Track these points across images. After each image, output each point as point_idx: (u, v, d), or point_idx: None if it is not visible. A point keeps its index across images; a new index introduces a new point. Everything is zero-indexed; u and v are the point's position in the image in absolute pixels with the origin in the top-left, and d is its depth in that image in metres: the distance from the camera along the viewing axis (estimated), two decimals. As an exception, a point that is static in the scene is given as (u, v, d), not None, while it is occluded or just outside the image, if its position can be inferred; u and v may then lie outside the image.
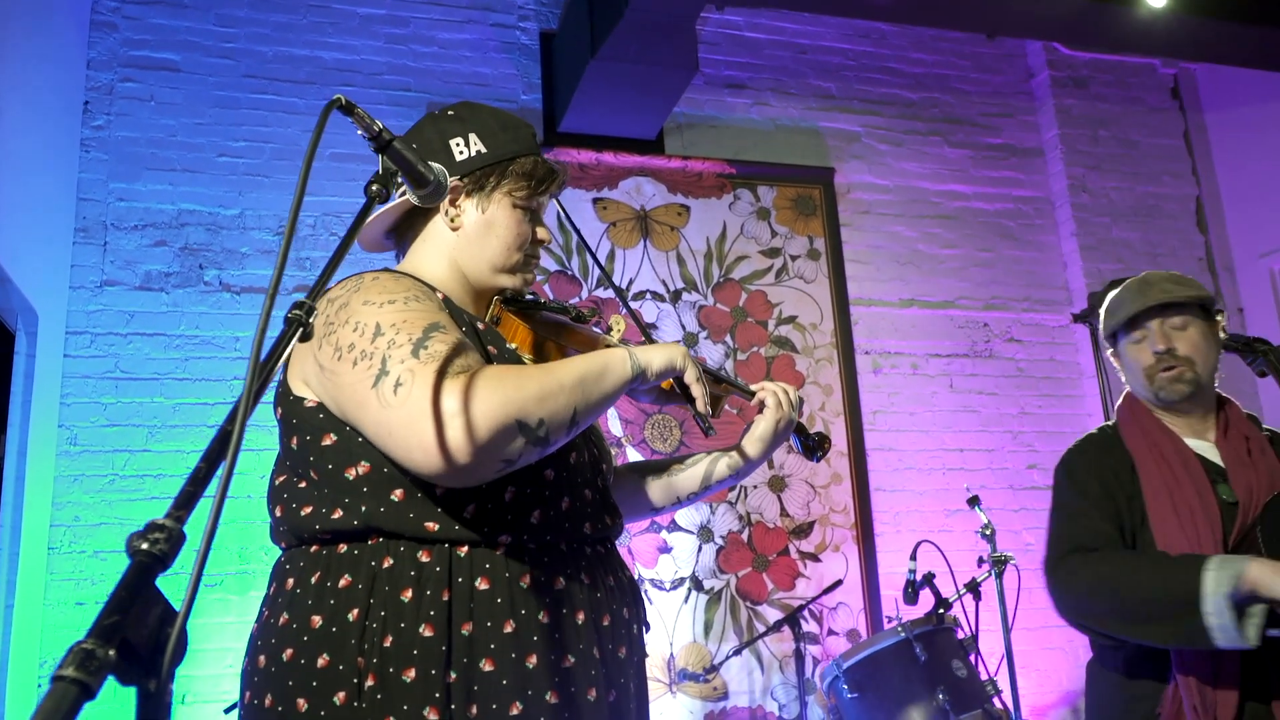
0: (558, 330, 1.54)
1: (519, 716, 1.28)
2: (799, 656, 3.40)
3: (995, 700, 2.65)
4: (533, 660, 1.31)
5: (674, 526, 4.04)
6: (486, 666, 1.28)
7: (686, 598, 3.98)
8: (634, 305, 4.22)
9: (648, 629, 1.54)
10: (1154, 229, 4.96)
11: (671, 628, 3.93)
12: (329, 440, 1.35)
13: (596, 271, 4.22)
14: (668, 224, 4.38)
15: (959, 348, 4.65)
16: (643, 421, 4.06)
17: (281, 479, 1.41)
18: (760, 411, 1.63)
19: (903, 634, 2.69)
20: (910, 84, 4.95)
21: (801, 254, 4.53)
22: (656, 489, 1.68)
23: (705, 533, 4.05)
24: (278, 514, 1.40)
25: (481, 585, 1.32)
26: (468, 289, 1.53)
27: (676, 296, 4.31)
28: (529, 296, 1.60)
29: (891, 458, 4.40)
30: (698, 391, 1.47)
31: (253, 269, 3.87)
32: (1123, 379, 2.16)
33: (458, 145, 1.51)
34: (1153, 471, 1.92)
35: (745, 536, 4.12)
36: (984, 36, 4.87)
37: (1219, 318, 2.09)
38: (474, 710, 1.26)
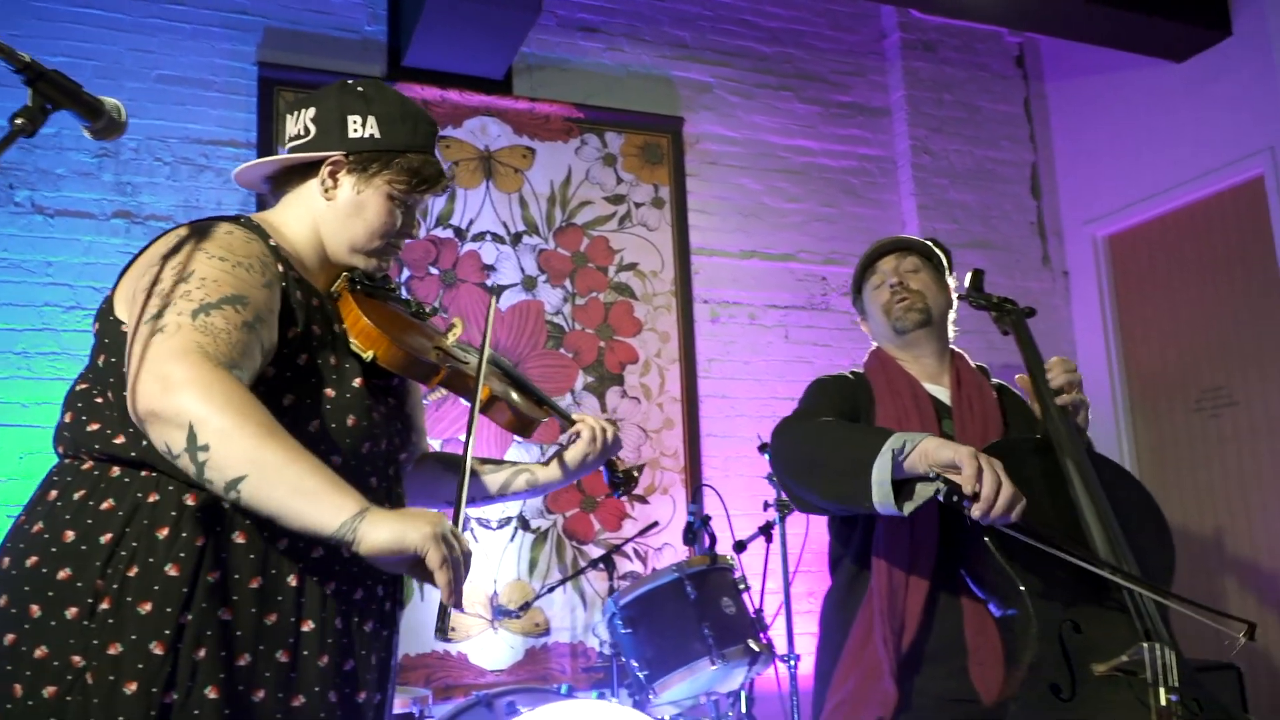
0: (393, 321, 1.57)
1: (245, 668, 1.34)
2: (613, 594, 3.50)
3: (762, 636, 2.79)
4: (272, 618, 1.37)
5: (504, 467, 4.08)
6: (224, 615, 1.33)
7: (513, 536, 4.04)
8: (473, 247, 4.21)
9: (401, 608, 1.60)
10: (990, 192, 5.14)
11: (496, 566, 3.99)
12: None
13: (435, 212, 4.19)
14: (512, 166, 4.36)
15: (797, 300, 4.77)
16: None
17: (83, 387, 1.44)
18: (575, 439, 1.74)
19: (676, 573, 2.80)
20: (765, 38, 5.00)
21: (646, 202, 4.57)
22: (453, 486, 1.73)
23: (536, 473, 4.10)
24: (67, 419, 1.43)
25: (238, 539, 1.36)
26: (322, 256, 1.58)
27: (517, 239, 4.31)
28: (379, 279, 1.64)
29: (724, 405, 4.52)
30: (441, 580, 1.23)
31: (68, 191, 3.72)
32: (866, 329, 2.28)
33: (354, 122, 1.55)
34: (887, 403, 2.05)
35: (575, 478, 4.18)
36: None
37: (950, 278, 2.25)
38: (202, 654, 1.30)
